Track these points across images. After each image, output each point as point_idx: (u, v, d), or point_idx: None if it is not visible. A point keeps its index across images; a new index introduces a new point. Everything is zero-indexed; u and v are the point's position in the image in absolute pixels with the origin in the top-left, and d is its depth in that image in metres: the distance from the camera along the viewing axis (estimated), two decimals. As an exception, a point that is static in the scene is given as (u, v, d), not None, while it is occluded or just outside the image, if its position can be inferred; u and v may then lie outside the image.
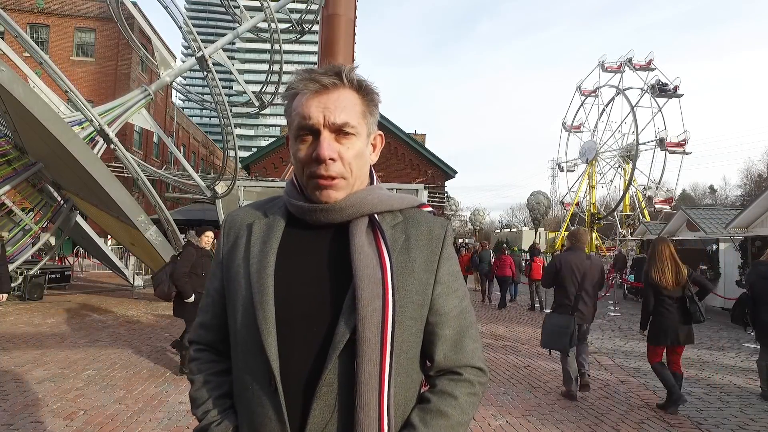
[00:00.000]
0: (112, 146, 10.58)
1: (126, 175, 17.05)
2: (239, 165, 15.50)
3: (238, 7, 14.12)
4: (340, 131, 0.97)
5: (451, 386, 0.99)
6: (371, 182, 1.08)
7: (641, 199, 35.52)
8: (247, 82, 16.90)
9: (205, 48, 12.04)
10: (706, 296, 4.94)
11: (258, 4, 13.17)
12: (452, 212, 43.88)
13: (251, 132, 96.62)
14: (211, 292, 1.10)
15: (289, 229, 1.03)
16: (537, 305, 12.48)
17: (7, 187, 9.46)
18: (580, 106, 40.69)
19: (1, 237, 5.89)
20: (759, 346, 5.66)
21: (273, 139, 30.62)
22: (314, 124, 0.95)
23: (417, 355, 1.00)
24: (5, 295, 5.21)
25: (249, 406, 0.95)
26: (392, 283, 0.93)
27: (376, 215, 1.02)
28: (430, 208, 1.12)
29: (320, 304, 0.94)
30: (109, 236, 18.40)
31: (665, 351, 4.87)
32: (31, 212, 11.18)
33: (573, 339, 4.90)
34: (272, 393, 0.91)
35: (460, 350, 1.01)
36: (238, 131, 50.14)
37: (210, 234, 5.83)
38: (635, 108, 35.02)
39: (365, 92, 1.01)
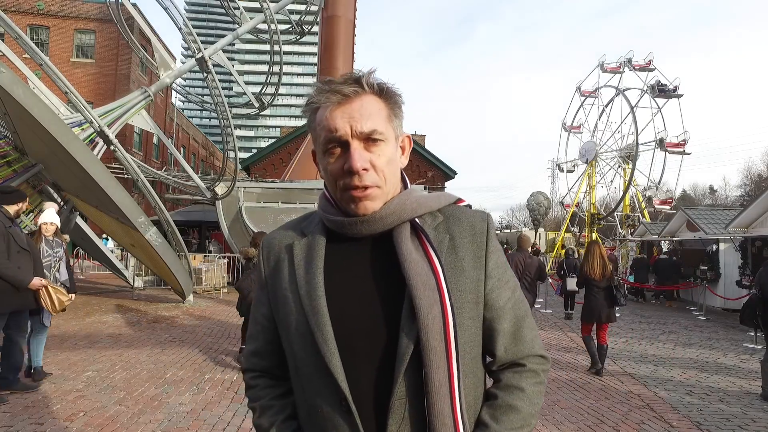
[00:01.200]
0: (111, 147, 10.59)
1: (126, 176, 17.04)
2: (239, 166, 15.52)
3: (238, 8, 14.15)
4: (368, 139, 0.94)
5: (517, 378, 0.98)
6: (404, 186, 1.06)
7: (641, 199, 35.47)
8: (247, 83, 16.93)
9: (205, 49, 12.06)
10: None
11: (258, 5, 13.20)
12: (452, 213, 43.76)
13: (251, 133, 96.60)
14: (259, 319, 1.08)
15: (330, 245, 1.00)
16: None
17: (7, 189, 9.46)
18: (580, 107, 40.62)
19: (65, 240, 5.93)
20: (762, 347, 5.65)
21: (273, 140, 30.61)
22: (342, 135, 0.93)
23: (479, 353, 1.00)
24: (73, 295, 5.27)
25: (322, 428, 0.93)
26: (447, 287, 0.92)
27: (416, 219, 1.00)
28: (466, 202, 1.11)
29: (377, 318, 0.92)
30: (106, 236, 18.38)
31: (595, 328, 6.28)
32: (31, 214, 11.17)
33: None
34: (345, 413, 0.89)
35: (520, 341, 1.00)
36: (237, 132, 50.17)
37: None
38: (635, 108, 34.98)
39: (387, 95, 0.99)
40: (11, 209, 4.68)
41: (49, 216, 5.39)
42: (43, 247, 5.16)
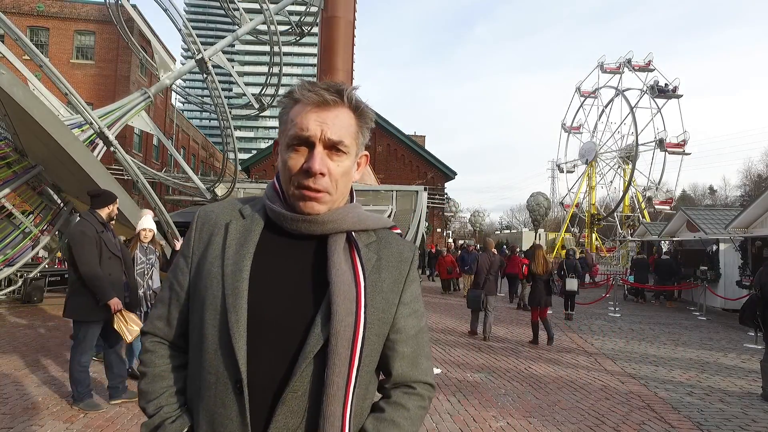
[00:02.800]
0: (111, 149, 10.58)
1: (126, 177, 17.02)
2: (239, 167, 15.51)
3: (238, 9, 14.16)
4: (333, 148, 0.99)
5: (405, 399, 1.05)
6: (351, 200, 1.11)
7: (641, 199, 35.52)
8: (247, 84, 16.93)
9: (205, 50, 12.06)
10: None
11: (257, 6, 13.20)
12: (452, 214, 43.79)
13: (251, 134, 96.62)
14: (174, 285, 1.08)
15: (266, 233, 1.03)
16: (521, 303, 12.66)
17: (7, 190, 9.45)
18: (580, 107, 40.72)
19: (160, 246, 5.75)
20: (762, 347, 5.65)
21: (273, 141, 30.60)
22: (310, 136, 0.97)
23: (374, 368, 1.05)
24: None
25: (211, 405, 0.95)
26: (365, 302, 0.97)
27: (353, 233, 1.05)
28: (399, 230, 1.17)
29: (293, 313, 0.96)
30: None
31: (539, 311, 8.13)
32: (31, 215, 11.17)
33: (482, 303, 8.27)
34: (238, 395, 0.92)
35: (416, 367, 1.07)
36: (237, 133, 50.12)
37: None
38: (634, 109, 35.05)
39: (361, 114, 1.04)
40: (103, 213, 4.49)
41: (149, 222, 5.26)
42: (137, 254, 5.03)
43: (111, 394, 4.50)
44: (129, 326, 4.31)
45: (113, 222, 4.77)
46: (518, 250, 16.06)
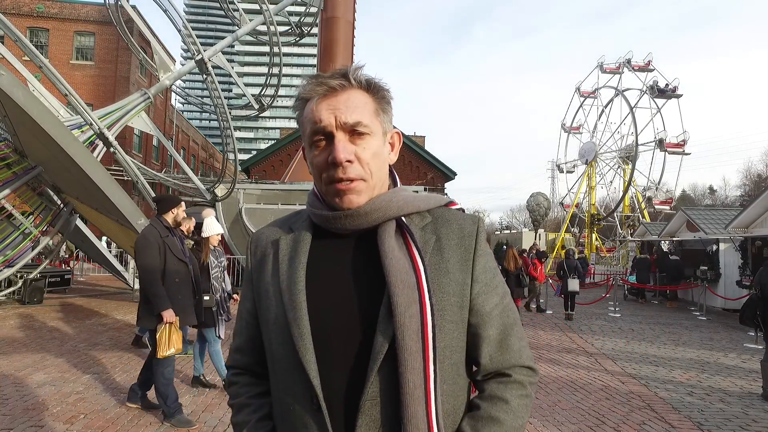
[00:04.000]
0: (111, 150, 10.59)
1: (126, 178, 17.06)
2: (239, 168, 15.52)
3: (237, 10, 14.18)
4: (353, 132, 0.94)
5: (501, 389, 0.94)
6: (393, 184, 1.05)
7: (641, 199, 35.49)
8: (247, 84, 16.91)
9: (205, 51, 12.07)
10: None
11: (257, 7, 13.21)
12: (452, 214, 43.60)
13: (251, 135, 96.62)
14: (243, 314, 1.07)
15: (315, 241, 0.99)
16: (534, 305, 12.56)
17: (6, 191, 9.46)
18: (579, 108, 40.64)
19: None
20: (762, 347, 5.65)
21: (272, 142, 30.62)
22: (326, 126, 0.93)
23: (462, 360, 0.96)
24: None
25: (293, 427, 0.92)
26: (428, 287, 0.89)
27: (403, 218, 0.98)
28: (458, 206, 1.07)
29: (355, 315, 0.90)
30: (104, 238, 18.40)
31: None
32: (31, 216, 11.17)
33: None
34: (315, 412, 0.88)
35: (507, 350, 0.96)
36: (237, 134, 50.12)
37: None
38: (634, 109, 35.03)
39: (375, 90, 0.98)
40: (168, 218, 4.36)
41: (218, 227, 5.13)
42: (211, 259, 4.95)
43: (129, 396, 4.47)
44: (170, 341, 3.97)
45: (182, 227, 4.65)
46: (534, 250, 13.46)
